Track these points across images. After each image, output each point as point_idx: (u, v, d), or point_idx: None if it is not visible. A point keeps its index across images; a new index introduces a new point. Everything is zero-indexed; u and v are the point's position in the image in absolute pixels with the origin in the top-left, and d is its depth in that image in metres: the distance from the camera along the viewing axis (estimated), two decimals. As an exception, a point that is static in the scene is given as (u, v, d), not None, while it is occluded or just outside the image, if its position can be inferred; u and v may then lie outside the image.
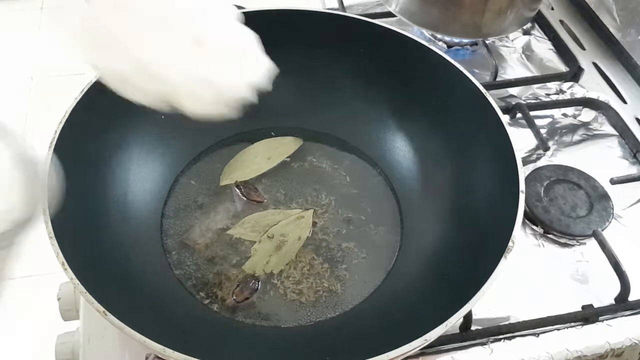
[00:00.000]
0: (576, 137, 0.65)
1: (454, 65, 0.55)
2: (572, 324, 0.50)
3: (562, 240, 0.56)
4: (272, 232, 0.54)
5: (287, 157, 0.60)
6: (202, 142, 0.61)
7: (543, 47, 0.75)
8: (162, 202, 0.56)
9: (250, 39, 0.43)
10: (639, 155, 0.63)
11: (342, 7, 0.76)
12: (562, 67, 0.73)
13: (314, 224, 0.55)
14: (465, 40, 0.73)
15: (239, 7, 0.76)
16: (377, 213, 0.56)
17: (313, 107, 0.62)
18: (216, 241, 0.54)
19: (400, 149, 0.60)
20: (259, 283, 0.51)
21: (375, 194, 0.58)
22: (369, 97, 0.61)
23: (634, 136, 0.64)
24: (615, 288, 0.52)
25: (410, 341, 0.38)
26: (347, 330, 0.48)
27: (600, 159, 0.63)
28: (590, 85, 0.70)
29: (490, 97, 0.52)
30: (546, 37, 0.77)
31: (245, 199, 0.56)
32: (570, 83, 0.70)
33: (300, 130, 0.62)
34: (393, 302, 0.50)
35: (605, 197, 0.58)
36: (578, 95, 0.69)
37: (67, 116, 0.49)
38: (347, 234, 0.55)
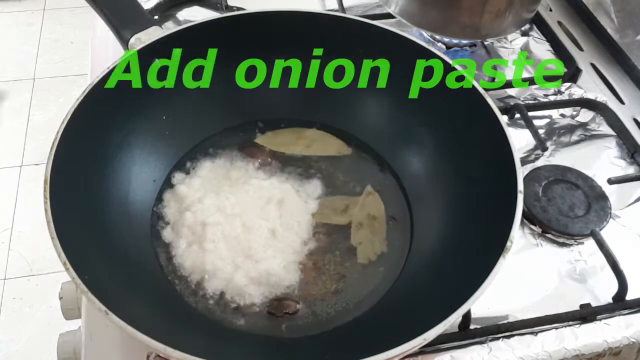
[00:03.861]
0: (574, 138, 0.65)
1: (453, 67, 0.55)
2: (570, 323, 0.50)
3: (560, 240, 0.56)
4: (357, 219, 0.55)
5: (324, 154, 0.60)
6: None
7: (541, 48, 0.76)
8: (163, 202, 0.57)
9: None
10: (636, 155, 0.63)
11: (342, 8, 0.76)
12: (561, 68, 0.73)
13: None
14: (464, 41, 0.73)
15: (239, 9, 0.77)
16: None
17: (310, 106, 0.63)
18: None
19: (399, 148, 0.60)
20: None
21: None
22: (367, 97, 0.61)
23: (631, 136, 0.64)
24: (613, 287, 0.52)
25: (410, 340, 0.39)
26: (346, 329, 0.49)
27: (598, 159, 0.63)
28: (588, 86, 0.70)
29: (489, 97, 0.52)
30: (544, 38, 0.77)
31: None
32: (569, 84, 0.70)
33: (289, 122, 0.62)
34: (392, 301, 0.50)
35: (603, 197, 0.58)
36: (576, 96, 0.69)
37: (68, 117, 0.49)
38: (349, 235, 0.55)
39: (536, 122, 0.65)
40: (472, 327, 0.49)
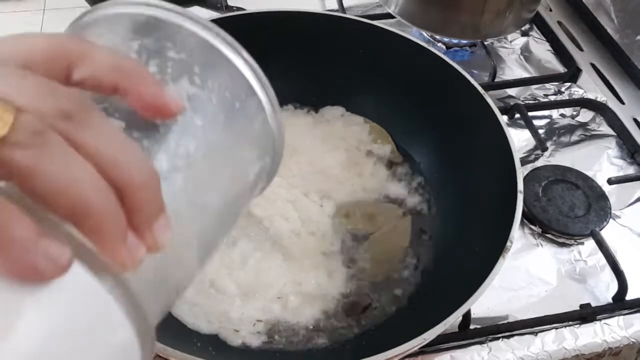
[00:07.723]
0: (574, 138, 0.65)
1: (453, 66, 0.55)
2: (570, 323, 0.50)
3: (560, 240, 0.56)
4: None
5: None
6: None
7: (541, 48, 0.76)
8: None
9: None
10: (636, 155, 0.63)
11: (342, 8, 0.76)
12: (560, 68, 0.73)
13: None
14: (464, 42, 0.73)
15: (239, 9, 0.77)
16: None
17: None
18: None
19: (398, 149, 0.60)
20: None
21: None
22: (366, 97, 0.61)
23: (631, 136, 0.64)
24: (613, 287, 0.52)
25: (410, 340, 0.39)
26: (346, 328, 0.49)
27: (598, 159, 0.63)
28: (588, 86, 0.70)
29: (489, 97, 0.52)
30: (544, 38, 0.77)
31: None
32: (569, 84, 0.70)
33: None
34: (392, 301, 0.50)
35: (603, 197, 0.58)
36: (576, 96, 0.69)
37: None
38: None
39: (536, 122, 0.65)
40: (472, 327, 0.49)
